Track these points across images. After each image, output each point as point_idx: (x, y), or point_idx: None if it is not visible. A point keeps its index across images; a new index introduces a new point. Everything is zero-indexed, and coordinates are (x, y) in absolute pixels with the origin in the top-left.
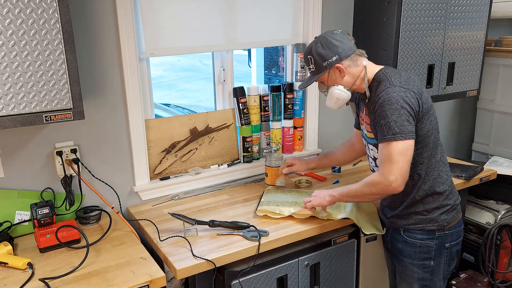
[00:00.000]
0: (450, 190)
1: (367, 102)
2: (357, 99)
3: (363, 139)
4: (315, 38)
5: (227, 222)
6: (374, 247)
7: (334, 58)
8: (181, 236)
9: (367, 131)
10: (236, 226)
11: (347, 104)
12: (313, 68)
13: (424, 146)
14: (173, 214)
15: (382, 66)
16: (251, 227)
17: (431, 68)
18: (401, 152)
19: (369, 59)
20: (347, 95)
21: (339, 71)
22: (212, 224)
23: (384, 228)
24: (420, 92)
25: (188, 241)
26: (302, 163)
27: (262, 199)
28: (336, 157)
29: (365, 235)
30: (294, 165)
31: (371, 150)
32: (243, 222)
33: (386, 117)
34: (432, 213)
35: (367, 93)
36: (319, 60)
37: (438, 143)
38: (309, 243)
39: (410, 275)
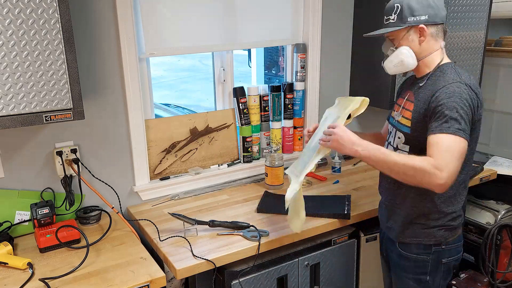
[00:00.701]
0: (458, 213)
1: (421, 86)
2: (401, 86)
3: (390, 126)
4: None
5: (227, 222)
6: (374, 247)
7: (423, 18)
8: (181, 236)
9: (403, 117)
10: (236, 226)
11: (403, 75)
12: (394, 19)
13: (469, 153)
14: (173, 214)
15: (449, 60)
16: (251, 227)
17: None
18: (461, 151)
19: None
20: (413, 63)
21: (420, 34)
22: (212, 224)
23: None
24: (482, 101)
25: (188, 241)
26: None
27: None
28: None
29: (363, 231)
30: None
31: (398, 138)
32: (243, 222)
33: (455, 109)
34: (432, 229)
35: (425, 78)
36: (406, 12)
37: (470, 162)
38: (309, 243)
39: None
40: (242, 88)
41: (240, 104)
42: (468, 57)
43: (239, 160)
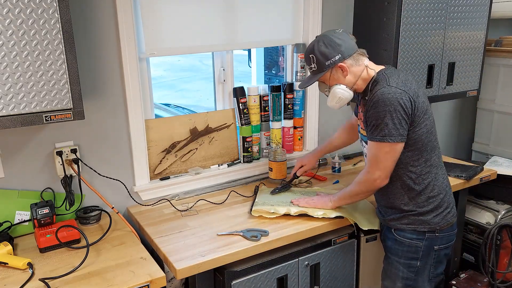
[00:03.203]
0: (445, 194)
1: (365, 99)
2: (358, 99)
3: (359, 134)
4: (316, 37)
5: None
6: (374, 247)
7: (337, 57)
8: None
9: (361, 129)
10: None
11: (348, 104)
12: (315, 67)
13: (418, 149)
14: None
15: (383, 66)
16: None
17: (431, 68)
18: (387, 153)
19: (369, 59)
20: (349, 94)
21: (342, 70)
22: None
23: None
24: (417, 94)
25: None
26: (310, 159)
27: (256, 199)
28: (339, 138)
29: (363, 231)
30: (305, 165)
31: (364, 147)
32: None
33: (378, 118)
34: (425, 215)
35: (367, 92)
36: (322, 59)
37: (434, 146)
38: (309, 243)
39: (395, 272)
40: (242, 88)
41: (240, 104)
42: (468, 57)
43: (239, 160)
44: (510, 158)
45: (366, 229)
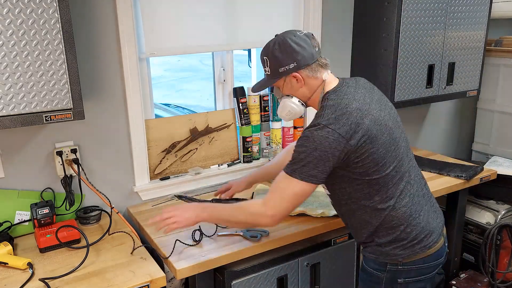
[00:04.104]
0: (407, 224)
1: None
2: None
3: None
4: (275, 36)
5: (228, 199)
6: None
7: (291, 66)
8: (180, 241)
9: None
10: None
11: (301, 117)
12: (268, 71)
13: (366, 182)
14: (178, 196)
15: (338, 82)
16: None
17: (431, 68)
18: (295, 193)
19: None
20: (299, 110)
21: (296, 80)
22: (215, 202)
23: None
24: (358, 123)
25: (188, 243)
26: (240, 184)
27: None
28: (278, 166)
29: None
30: (231, 186)
31: None
32: (243, 198)
33: (298, 153)
34: (384, 246)
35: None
36: (275, 65)
37: (394, 174)
38: (309, 243)
39: None
40: (242, 88)
41: (240, 104)
42: (468, 57)
43: (239, 160)
44: (510, 158)
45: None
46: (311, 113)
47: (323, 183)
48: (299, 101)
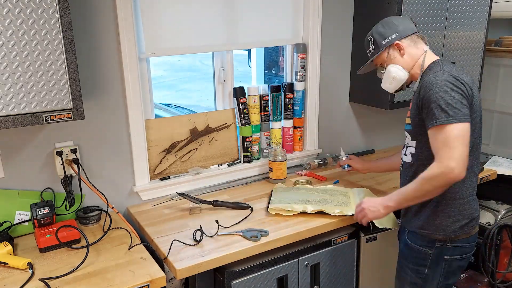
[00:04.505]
0: (468, 200)
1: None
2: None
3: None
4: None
5: (229, 202)
6: (374, 247)
7: (394, 36)
8: (178, 241)
9: (407, 117)
10: (237, 206)
11: (403, 88)
12: (372, 49)
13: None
14: (180, 194)
15: (439, 58)
16: (253, 230)
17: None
18: (458, 135)
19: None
20: (404, 74)
21: (399, 49)
22: (215, 203)
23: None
24: (472, 83)
25: (188, 243)
26: (359, 161)
27: (272, 197)
28: (393, 161)
29: (363, 231)
30: (351, 159)
31: (406, 136)
32: (243, 203)
33: (437, 100)
34: (441, 219)
35: (419, 79)
36: (378, 39)
37: (473, 148)
38: (309, 243)
39: (404, 276)
40: (242, 88)
41: (240, 104)
42: (468, 57)
43: (239, 160)
44: (510, 158)
45: (381, 227)
46: (311, 113)
47: (414, 136)
48: (402, 67)
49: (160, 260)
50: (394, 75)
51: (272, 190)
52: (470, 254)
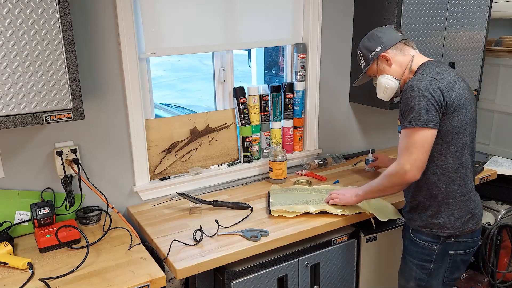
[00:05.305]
0: (468, 197)
1: None
2: None
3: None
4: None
5: (229, 202)
6: (374, 247)
7: (379, 48)
8: (177, 241)
9: (398, 119)
10: (237, 206)
11: (398, 95)
12: (363, 62)
13: (447, 143)
14: (180, 194)
15: (430, 59)
16: (253, 230)
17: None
18: (418, 141)
19: None
20: (394, 83)
21: (386, 60)
22: (215, 203)
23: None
24: (451, 85)
25: (188, 243)
26: (385, 159)
27: (271, 200)
28: None
29: (363, 231)
30: (377, 160)
31: (399, 137)
32: (243, 203)
33: (407, 104)
34: (444, 218)
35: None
36: (366, 53)
37: (466, 146)
38: (309, 243)
39: (409, 272)
40: (242, 88)
41: (240, 104)
42: (468, 57)
43: (239, 160)
44: (510, 158)
45: (385, 220)
46: (311, 113)
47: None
48: (392, 76)
49: (160, 260)
50: (385, 86)
51: (268, 192)
52: (475, 249)
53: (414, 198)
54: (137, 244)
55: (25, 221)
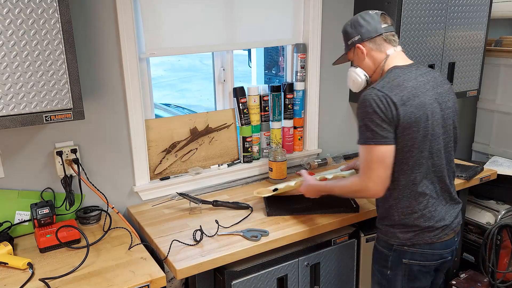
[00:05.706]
0: (421, 214)
1: None
2: None
3: None
4: None
5: (229, 202)
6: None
7: (356, 38)
8: (177, 241)
9: None
10: (237, 206)
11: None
12: (344, 46)
13: (397, 160)
14: (180, 194)
15: (411, 62)
16: (253, 231)
17: (431, 68)
18: (376, 157)
19: None
20: (361, 80)
21: (361, 52)
22: (215, 203)
23: None
24: (402, 102)
25: (188, 243)
26: None
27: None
28: None
29: (363, 231)
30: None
31: None
32: (243, 203)
33: (361, 119)
34: (395, 228)
35: None
36: (345, 38)
37: (420, 163)
38: (309, 243)
39: (373, 277)
40: (242, 88)
41: (240, 104)
42: (468, 57)
43: (239, 160)
44: (510, 158)
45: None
46: (311, 113)
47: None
48: (362, 72)
49: (160, 260)
50: (353, 79)
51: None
52: (438, 262)
53: (378, 207)
54: (137, 244)
55: (25, 221)
